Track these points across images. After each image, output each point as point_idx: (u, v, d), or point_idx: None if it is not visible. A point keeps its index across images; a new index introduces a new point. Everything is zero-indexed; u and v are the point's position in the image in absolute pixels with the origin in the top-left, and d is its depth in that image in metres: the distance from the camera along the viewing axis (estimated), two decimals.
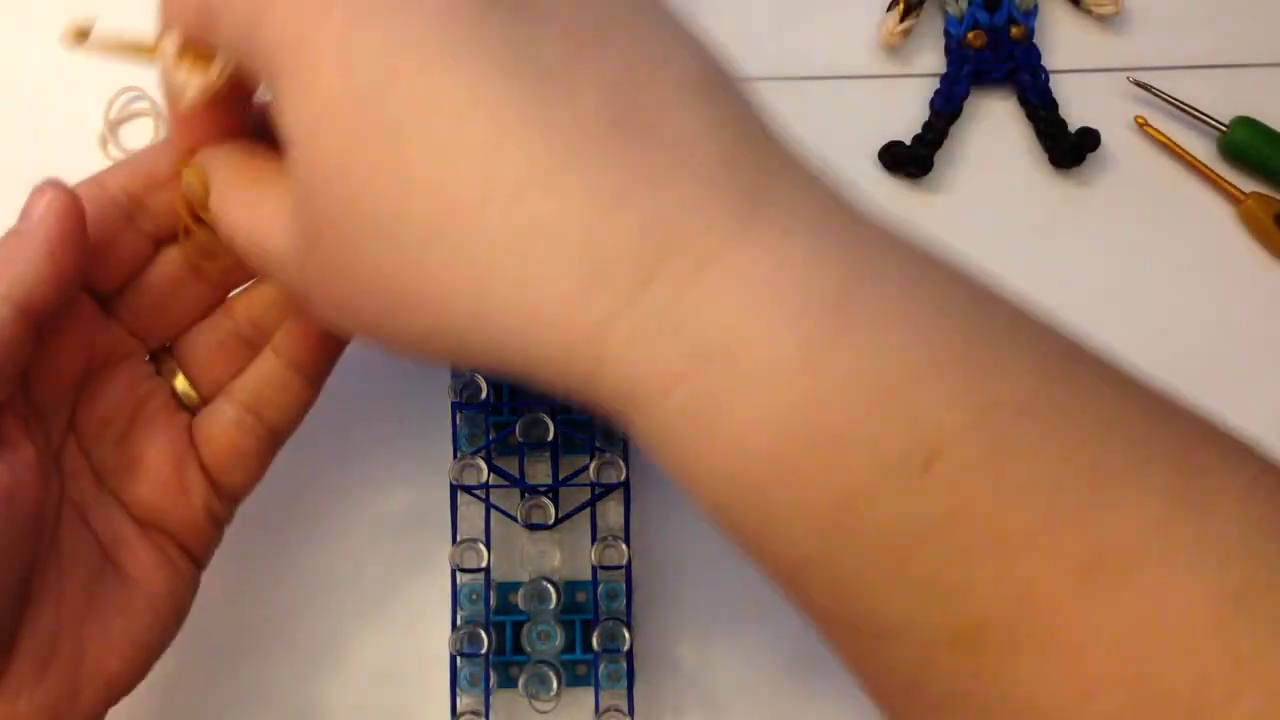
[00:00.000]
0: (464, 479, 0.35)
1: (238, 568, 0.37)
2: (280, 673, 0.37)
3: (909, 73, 0.41)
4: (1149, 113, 0.40)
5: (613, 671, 0.35)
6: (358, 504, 0.38)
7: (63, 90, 0.40)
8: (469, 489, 0.35)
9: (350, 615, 0.37)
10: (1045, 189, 0.40)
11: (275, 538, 0.37)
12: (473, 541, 0.35)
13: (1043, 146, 0.40)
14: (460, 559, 0.35)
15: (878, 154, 0.40)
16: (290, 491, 0.37)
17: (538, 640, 0.35)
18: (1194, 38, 0.41)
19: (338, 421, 0.38)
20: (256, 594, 0.37)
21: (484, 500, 0.35)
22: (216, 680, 0.37)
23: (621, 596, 0.35)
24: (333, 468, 0.38)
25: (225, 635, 0.37)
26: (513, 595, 0.36)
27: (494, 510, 0.36)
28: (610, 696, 0.35)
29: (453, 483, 0.35)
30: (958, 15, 0.40)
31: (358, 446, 0.38)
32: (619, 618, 0.35)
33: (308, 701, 0.37)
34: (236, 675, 0.37)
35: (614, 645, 0.35)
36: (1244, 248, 0.40)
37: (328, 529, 0.38)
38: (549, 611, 0.35)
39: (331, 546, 0.38)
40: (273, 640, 0.37)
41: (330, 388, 0.38)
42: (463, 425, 0.36)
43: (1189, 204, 0.40)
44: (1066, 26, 0.41)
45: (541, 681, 0.34)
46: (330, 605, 0.37)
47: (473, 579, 0.36)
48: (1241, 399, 0.39)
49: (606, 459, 0.35)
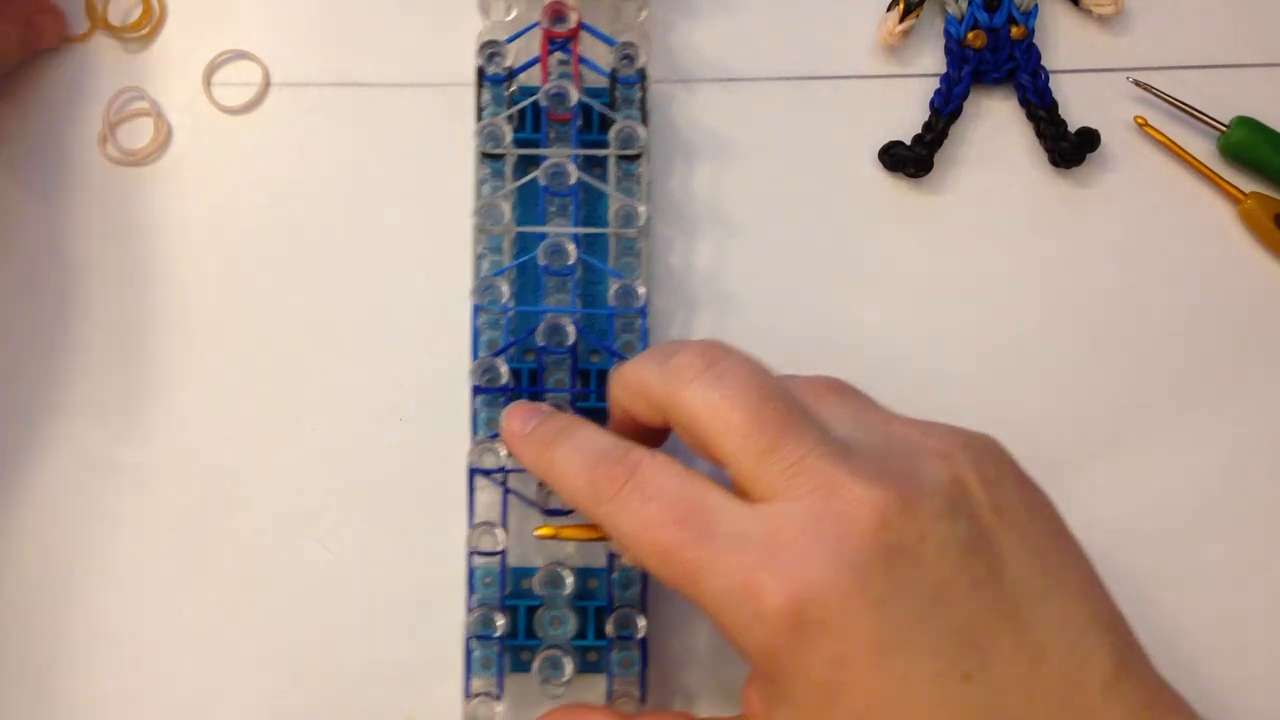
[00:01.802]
0: (482, 463, 0.35)
1: (256, 548, 0.37)
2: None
3: (909, 73, 0.41)
4: (1149, 113, 0.40)
5: (625, 658, 0.35)
6: (375, 487, 0.38)
7: (63, 90, 0.40)
8: (486, 473, 0.35)
9: (365, 598, 0.37)
10: (1045, 189, 0.40)
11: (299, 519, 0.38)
12: (489, 525, 0.35)
13: (1043, 146, 0.40)
14: (477, 542, 0.35)
15: (878, 154, 0.40)
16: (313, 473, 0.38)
17: (551, 626, 0.35)
18: (1194, 38, 0.41)
19: (355, 404, 0.38)
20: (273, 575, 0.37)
21: (501, 484, 0.35)
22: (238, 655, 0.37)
23: (636, 584, 0.35)
24: (350, 449, 0.38)
25: (242, 616, 0.37)
26: (525, 581, 0.36)
27: (510, 495, 0.35)
28: (622, 683, 0.35)
29: (470, 466, 0.35)
30: (958, 15, 0.40)
31: (377, 431, 0.38)
32: (633, 605, 0.35)
33: (323, 683, 0.37)
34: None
35: (627, 633, 0.35)
36: (1244, 248, 0.40)
37: (346, 510, 0.38)
38: (563, 597, 0.35)
39: (348, 526, 0.38)
40: (286, 620, 0.37)
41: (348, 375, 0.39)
42: (481, 409, 0.36)
43: (1189, 204, 0.40)
44: (1066, 26, 0.41)
45: (555, 666, 0.34)
46: (346, 587, 0.37)
47: (487, 563, 0.36)
48: (1241, 399, 0.39)
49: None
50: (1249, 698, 0.37)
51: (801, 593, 0.26)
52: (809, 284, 0.39)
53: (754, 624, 0.26)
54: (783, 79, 0.40)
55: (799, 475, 0.27)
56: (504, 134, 0.36)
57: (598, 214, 0.38)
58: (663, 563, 0.28)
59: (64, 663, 0.37)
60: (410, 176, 0.39)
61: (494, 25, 0.38)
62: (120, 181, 0.39)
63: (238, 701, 0.37)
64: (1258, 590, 0.38)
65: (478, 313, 0.36)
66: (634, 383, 0.31)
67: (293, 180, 0.39)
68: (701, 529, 0.27)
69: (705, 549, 0.27)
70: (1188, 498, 0.38)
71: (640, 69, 0.37)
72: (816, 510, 0.27)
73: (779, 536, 0.27)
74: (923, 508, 0.27)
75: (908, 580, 0.26)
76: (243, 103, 0.40)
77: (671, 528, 0.28)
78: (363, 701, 0.37)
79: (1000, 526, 0.28)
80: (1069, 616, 0.27)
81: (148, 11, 0.40)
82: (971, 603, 0.26)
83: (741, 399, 0.28)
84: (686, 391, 0.29)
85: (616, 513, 0.29)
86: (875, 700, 0.26)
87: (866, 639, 0.26)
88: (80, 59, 0.40)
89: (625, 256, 0.37)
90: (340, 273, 0.39)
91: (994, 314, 0.39)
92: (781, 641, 0.26)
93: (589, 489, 0.29)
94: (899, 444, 0.29)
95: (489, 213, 0.36)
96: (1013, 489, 0.29)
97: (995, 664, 0.26)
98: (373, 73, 0.40)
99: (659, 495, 0.28)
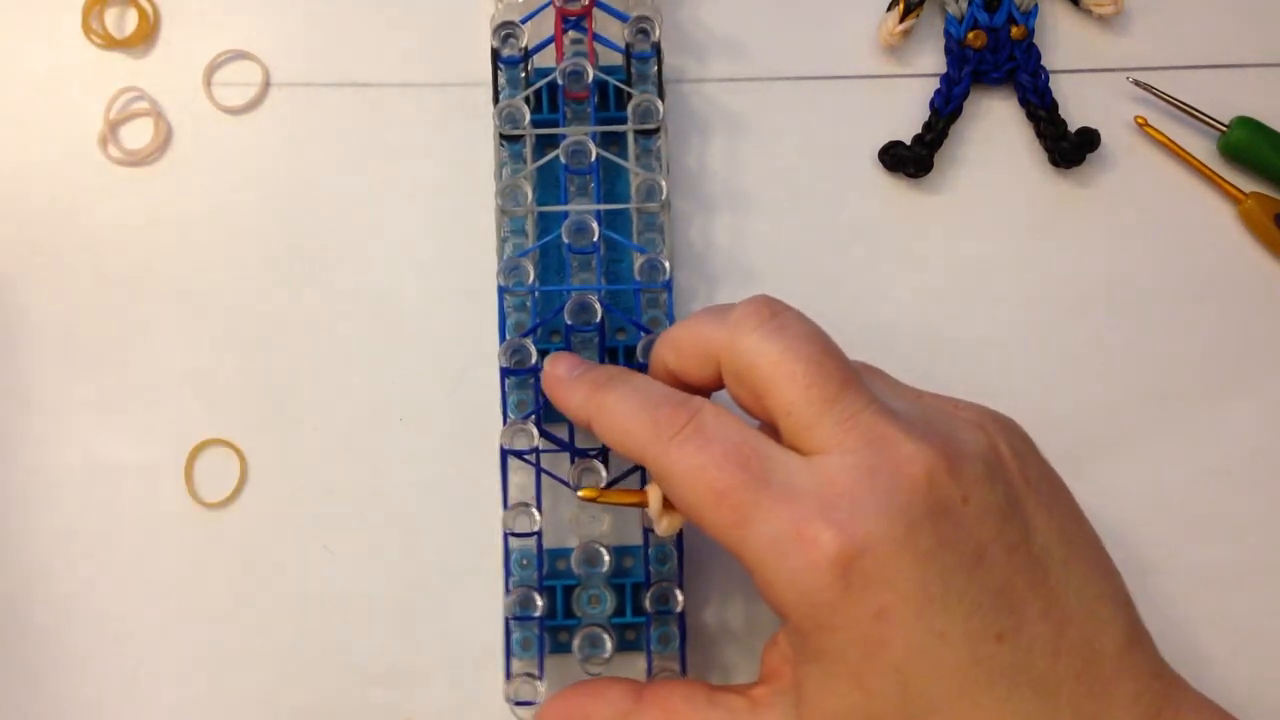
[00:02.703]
0: (515, 444, 0.35)
1: (256, 548, 0.37)
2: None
3: (909, 73, 0.41)
4: (1149, 113, 0.40)
5: (664, 634, 0.35)
6: (375, 487, 0.38)
7: (63, 90, 0.40)
8: (519, 454, 0.35)
9: (365, 598, 0.37)
10: (1045, 189, 0.40)
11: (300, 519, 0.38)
12: (524, 506, 0.35)
13: (1043, 146, 0.40)
14: (512, 523, 0.35)
15: (878, 154, 0.40)
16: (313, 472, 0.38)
17: (589, 605, 0.35)
18: (1194, 38, 0.41)
19: (355, 404, 0.38)
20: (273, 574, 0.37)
21: (534, 464, 0.35)
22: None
23: (673, 559, 0.35)
24: (350, 449, 0.38)
25: (242, 616, 0.37)
26: (560, 561, 0.36)
27: (544, 475, 0.36)
28: (661, 659, 0.35)
29: (503, 448, 0.35)
30: (958, 15, 0.40)
31: (377, 431, 0.38)
32: (670, 580, 0.35)
33: (323, 683, 0.37)
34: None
35: (665, 608, 0.35)
36: (1244, 248, 0.40)
37: (346, 510, 0.38)
38: (600, 575, 0.35)
39: (349, 526, 0.38)
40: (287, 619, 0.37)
41: (348, 374, 0.39)
42: (512, 391, 0.36)
43: (1189, 204, 0.40)
44: (1066, 26, 0.41)
45: (595, 644, 0.34)
46: (346, 587, 0.37)
47: (524, 544, 0.36)
48: (1241, 399, 0.39)
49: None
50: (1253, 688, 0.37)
51: (854, 543, 0.26)
52: (809, 283, 0.39)
53: (802, 573, 0.27)
54: (783, 79, 0.40)
55: (854, 429, 0.28)
56: (522, 115, 0.36)
57: (618, 191, 0.38)
58: (716, 505, 0.28)
59: (64, 663, 0.37)
60: (410, 176, 0.39)
61: (507, 6, 0.38)
62: (120, 181, 0.39)
63: (238, 701, 0.37)
64: (1255, 591, 0.38)
65: (503, 295, 0.36)
66: (687, 339, 0.31)
67: (293, 180, 0.39)
68: (759, 474, 0.28)
69: (761, 494, 0.27)
70: (1187, 498, 0.38)
71: (655, 43, 0.37)
72: (870, 463, 0.27)
73: (833, 487, 0.27)
74: (966, 470, 0.27)
75: (952, 539, 0.27)
76: (243, 103, 0.40)
77: (730, 469, 0.28)
78: (363, 701, 0.37)
79: (1030, 496, 0.29)
80: (1088, 587, 0.28)
81: (144, 19, 0.40)
82: (1007, 566, 0.27)
83: (805, 351, 0.29)
84: (748, 340, 0.29)
85: (673, 451, 0.29)
86: (912, 655, 0.26)
87: (912, 593, 0.26)
88: (81, 57, 0.40)
89: (647, 232, 0.37)
90: (340, 272, 0.39)
91: (993, 313, 0.39)
92: (828, 592, 0.26)
93: (648, 428, 0.29)
94: (935, 413, 0.29)
95: (511, 194, 0.36)
96: (1036, 464, 0.30)
97: (1025, 626, 0.27)
98: (373, 72, 0.40)
99: (720, 438, 0.28)
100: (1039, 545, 0.28)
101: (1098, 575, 0.29)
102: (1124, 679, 0.28)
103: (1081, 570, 0.28)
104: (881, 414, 0.28)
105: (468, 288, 0.39)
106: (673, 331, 0.32)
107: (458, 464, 0.38)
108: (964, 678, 0.26)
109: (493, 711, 0.36)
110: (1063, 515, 0.29)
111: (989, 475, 0.28)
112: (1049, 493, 0.29)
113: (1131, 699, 0.28)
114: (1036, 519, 0.28)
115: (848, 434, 0.28)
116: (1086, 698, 0.27)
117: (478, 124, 0.39)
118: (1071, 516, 0.30)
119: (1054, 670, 0.27)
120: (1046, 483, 0.30)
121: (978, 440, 0.29)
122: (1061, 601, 0.28)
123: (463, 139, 0.39)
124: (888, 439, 0.27)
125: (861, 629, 0.27)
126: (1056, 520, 0.29)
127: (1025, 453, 0.30)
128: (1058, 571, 0.28)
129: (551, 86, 0.37)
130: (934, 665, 0.26)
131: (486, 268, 0.38)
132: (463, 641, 0.37)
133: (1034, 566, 0.28)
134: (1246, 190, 0.39)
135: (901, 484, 0.27)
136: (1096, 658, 0.28)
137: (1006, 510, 0.28)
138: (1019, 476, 0.29)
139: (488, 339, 0.38)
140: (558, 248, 0.36)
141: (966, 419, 0.29)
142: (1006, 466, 0.29)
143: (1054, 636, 0.27)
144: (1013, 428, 0.30)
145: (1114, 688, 0.28)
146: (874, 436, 0.28)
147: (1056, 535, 0.28)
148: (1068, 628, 0.27)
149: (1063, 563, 0.28)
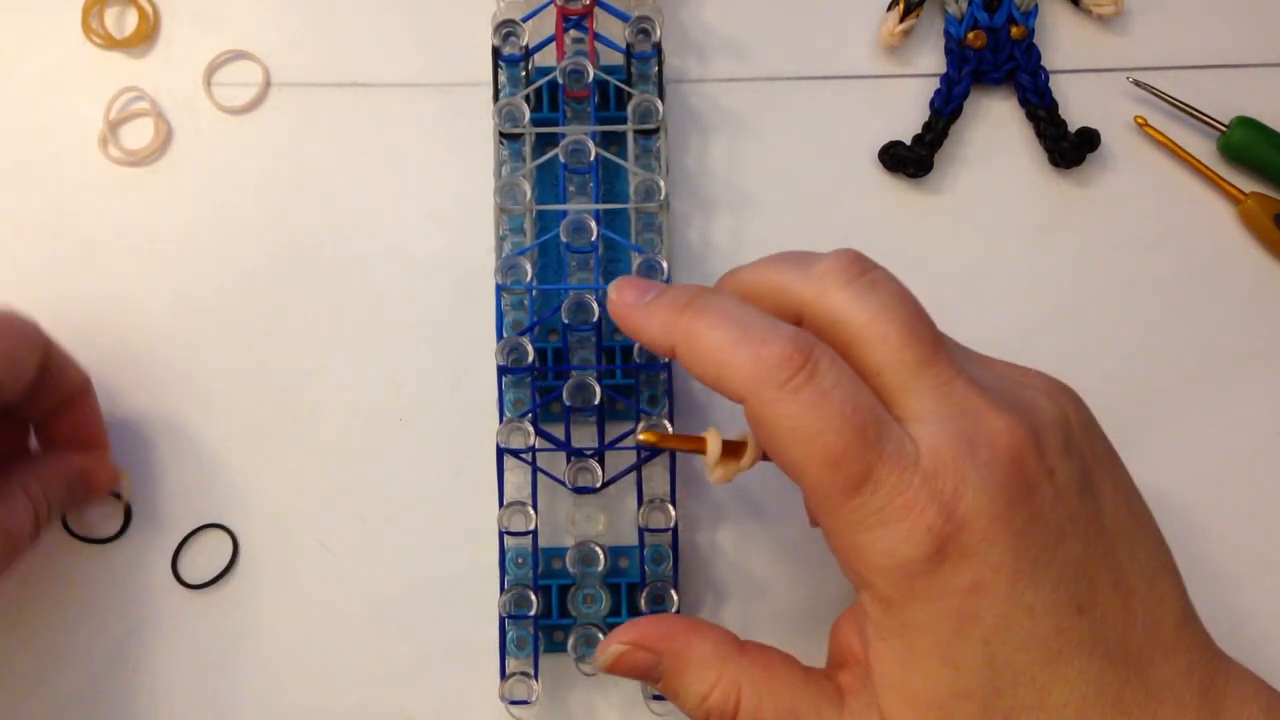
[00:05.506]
0: (511, 443, 0.35)
1: (256, 547, 0.37)
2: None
3: (909, 73, 0.41)
4: (1149, 113, 0.40)
5: None
6: (374, 487, 0.38)
7: (63, 90, 0.40)
8: (516, 453, 0.35)
9: (365, 598, 0.37)
10: (1045, 189, 0.40)
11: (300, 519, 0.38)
12: (520, 505, 0.35)
13: (1043, 146, 0.40)
14: (508, 522, 0.35)
15: (878, 154, 0.40)
16: (313, 472, 0.38)
17: (584, 604, 0.35)
18: (1194, 38, 0.41)
19: (355, 404, 0.38)
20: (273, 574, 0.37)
21: (530, 464, 0.35)
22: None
23: (668, 560, 0.35)
24: (350, 449, 0.38)
25: (243, 616, 0.37)
26: (556, 560, 0.36)
27: (540, 475, 0.36)
28: None
29: (500, 446, 0.35)
30: (958, 15, 0.40)
31: (376, 431, 0.38)
32: (665, 580, 0.35)
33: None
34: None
35: (660, 608, 0.35)
36: (1244, 248, 0.40)
37: (345, 510, 0.38)
38: (596, 575, 0.35)
39: (348, 526, 0.38)
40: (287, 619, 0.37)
41: (348, 374, 0.39)
42: (509, 390, 0.36)
43: (1189, 204, 0.40)
44: (1066, 26, 0.41)
45: (590, 643, 0.35)
46: (346, 587, 0.37)
47: (519, 543, 0.36)
48: (1241, 399, 0.39)
49: (652, 422, 0.35)
50: None
51: (956, 515, 0.26)
52: None
53: (902, 543, 0.26)
54: (783, 79, 0.40)
55: (949, 396, 0.27)
56: (522, 113, 0.36)
57: (617, 190, 0.38)
58: (828, 468, 0.26)
59: (63, 663, 0.37)
60: (410, 176, 0.39)
61: (509, 4, 0.38)
62: (120, 181, 0.39)
63: (237, 701, 0.37)
64: (1251, 593, 0.38)
65: (500, 293, 0.36)
66: (762, 285, 0.30)
67: (293, 180, 0.39)
68: (874, 440, 0.26)
69: (874, 461, 0.26)
70: (1187, 498, 0.38)
71: (656, 43, 0.37)
72: (968, 434, 0.27)
73: (937, 457, 0.26)
74: (1048, 443, 0.27)
75: (1040, 512, 0.27)
76: (243, 103, 0.40)
77: (849, 435, 0.26)
78: (363, 701, 0.37)
79: (1098, 468, 0.28)
80: (1150, 560, 0.28)
81: (144, 19, 0.40)
82: (1083, 538, 0.27)
83: (900, 312, 0.28)
84: (838, 296, 0.28)
85: (785, 402, 0.27)
86: (1001, 628, 0.26)
87: (1005, 567, 0.26)
88: (81, 59, 0.40)
89: (646, 232, 0.37)
90: (340, 272, 0.39)
91: (993, 313, 0.39)
92: (926, 563, 0.26)
93: (751, 365, 0.27)
94: (1010, 383, 0.29)
95: (510, 192, 0.36)
96: (1099, 435, 0.30)
97: (1099, 599, 0.27)
98: (373, 73, 0.40)
99: (837, 395, 0.27)
100: (1108, 517, 0.28)
101: (1157, 549, 0.29)
102: (1181, 650, 0.28)
103: (1144, 542, 0.28)
104: (972, 384, 0.28)
105: (468, 288, 0.39)
106: (740, 275, 0.31)
107: (456, 463, 0.38)
108: (1047, 650, 0.26)
109: (492, 711, 0.36)
110: (1125, 487, 0.29)
111: (1067, 448, 0.28)
112: (1110, 464, 0.29)
113: (1187, 670, 0.28)
114: (1104, 491, 0.28)
115: (944, 400, 0.27)
116: (1150, 667, 0.27)
117: (477, 124, 0.39)
118: (1131, 489, 0.29)
119: (1124, 641, 0.27)
120: (1109, 454, 0.29)
121: (1051, 410, 0.28)
122: (1128, 574, 0.28)
123: (462, 139, 0.39)
124: (979, 410, 0.27)
125: (955, 601, 0.26)
126: (1120, 493, 0.29)
127: (1088, 422, 0.29)
128: (1124, 544, 0.28)
129: (552, 85, 0.37)
130: (1022, 638, 0.26)
131: (486, 268, 0.38)
132: (461, 640, 0.37)
133: (1104, 538, 0.28)
134: (1246, 190, 0.39)
135: (999, 456, 0.27)
136: (1158, 629, 0.28)
137: (1083, 483, 0.28)
138: (1089, 449, 0.29)
139: (487, 338, 0.38)
140: (556, 247, 0.36)
141: (1039, 388, 0.29)
142: (1078, 439, 0.28)
143: (1123, 608, 0.27)
144: (1076, 398, 0.30)
145: (1173, 658, 0.28)
146: (967, 406, 0.27)
147: (1123, 507, 0.28)
148: (1132, 600, 0.27)
149: (1127, 535, 0.28)
